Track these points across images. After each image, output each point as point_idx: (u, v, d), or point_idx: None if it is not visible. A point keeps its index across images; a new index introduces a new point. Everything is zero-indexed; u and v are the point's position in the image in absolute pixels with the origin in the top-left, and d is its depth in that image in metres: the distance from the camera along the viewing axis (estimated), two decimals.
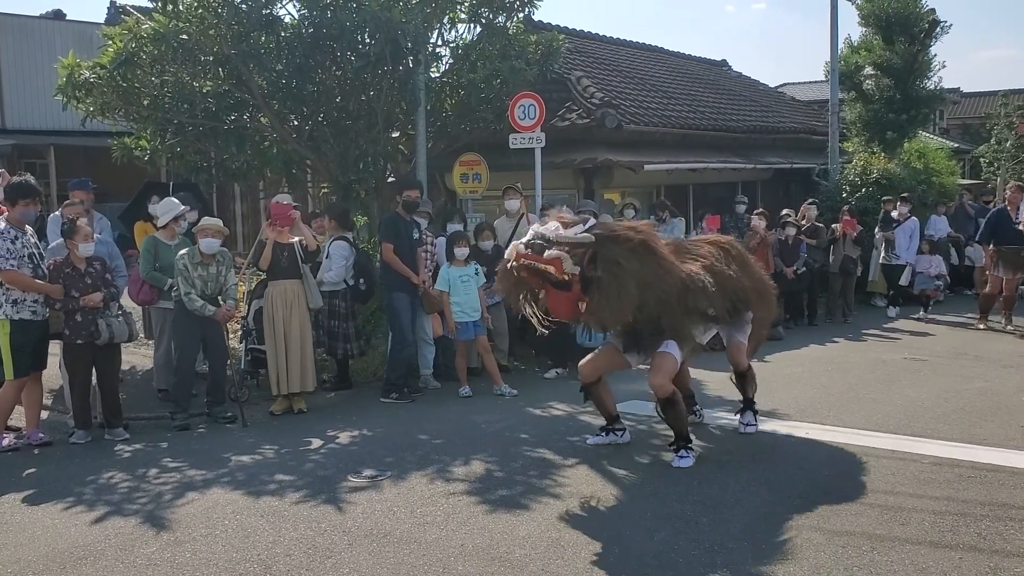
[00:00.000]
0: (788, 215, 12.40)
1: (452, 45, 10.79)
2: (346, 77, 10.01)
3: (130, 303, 8.25)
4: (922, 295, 13.00)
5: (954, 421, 7.16)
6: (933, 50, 17.01)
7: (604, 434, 6.68)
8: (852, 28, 36.56)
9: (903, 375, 8.99)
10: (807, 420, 7.28)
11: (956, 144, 30.18)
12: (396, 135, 10.99)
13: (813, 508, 5.26)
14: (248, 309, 8.47)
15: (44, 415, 7.56)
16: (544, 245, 5.79)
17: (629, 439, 6.67)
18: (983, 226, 12.18)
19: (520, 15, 10.98)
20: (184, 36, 9.14)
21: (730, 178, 15.58)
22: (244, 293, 8.84)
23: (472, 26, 10.67)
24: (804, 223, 12.54)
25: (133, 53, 9.19)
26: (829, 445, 6.54)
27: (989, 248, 11.94)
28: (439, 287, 8.60)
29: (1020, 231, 11.49)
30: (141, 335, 8.89)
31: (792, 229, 12.07)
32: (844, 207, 13.38)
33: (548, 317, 6.24)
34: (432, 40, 10.41)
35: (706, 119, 15.51)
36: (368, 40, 9.44)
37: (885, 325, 12.26)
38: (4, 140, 19.14)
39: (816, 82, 30.23)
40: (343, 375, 8.98)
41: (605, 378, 6.59)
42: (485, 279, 8.63)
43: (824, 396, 8.15)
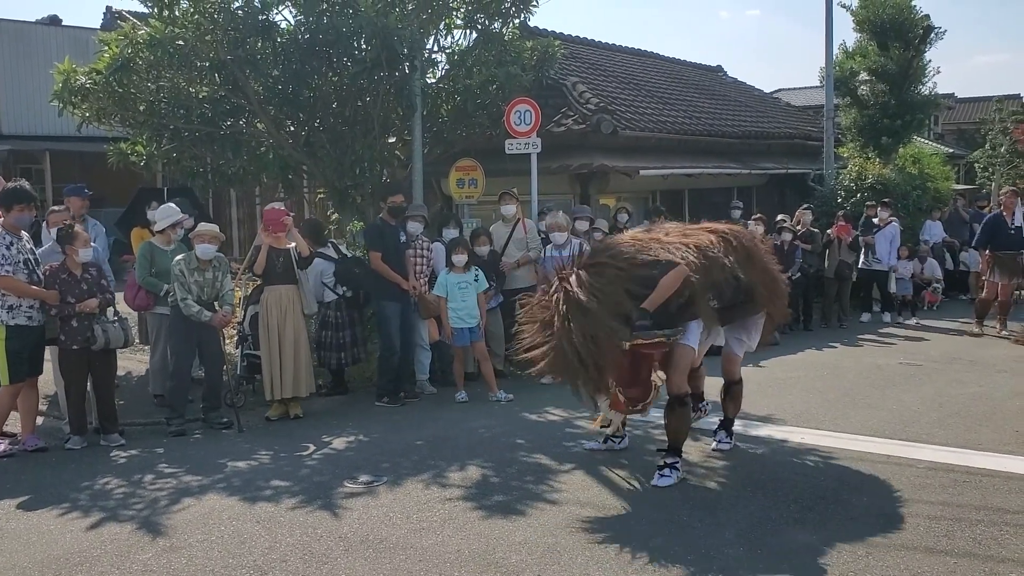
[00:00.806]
0: (784, 220, 12.42)
1: (448, 51, 10.81)
2: (342, 83, 10.02)
3: (126, 308, 8.26)
4: (903, 300, 13.21)
5: (949, 426, 7.18)
6: (928, 55, 17.11)
7: (602, 440, 6.67)
8: (847, 34, 36.59)
9: (898, 380, 9.01)
10: (802, 425, 7.29)
11: (951, 149, 30.30)
12: (392, 140, 10.99)
13: (808, 513, 5.27)
14: (244, 314, 8.46)
15: (39, 421, 7.55)
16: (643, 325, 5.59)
17: (627, 445, 6.67)
18: (980, 231, 12.22)
19: (516, 21, 11.02)
20: (180, 42, 9.16)
21: (725, 183, 15.59)
22: (240, 298, 8.83)
23: (468, 32, 10.71)
24: (800, 228, 12.58)
25: (129, 59, 9.18)
26: (824, 450, 6.55)
27: (985, 253, 11.98)
28: (436, 292, 8.60)
29: (1016, 236, 11.53)
30: (137, 340, 8.90)
31: (788, 234, 12.09)
32: (839, 212, 13.41)
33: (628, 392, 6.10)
34: (428, 46, 10.44)
35: (701, 124, 15.55)
36: (364, 46, 9.47)
37: (880, 330, 12.28)
38: (0, 146, 19.12)
39: (811, 87, 30.40)
40: (339, 381, 8.98)
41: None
42: (487, 284, 8.65)
43: (819, 401, 8.17)
